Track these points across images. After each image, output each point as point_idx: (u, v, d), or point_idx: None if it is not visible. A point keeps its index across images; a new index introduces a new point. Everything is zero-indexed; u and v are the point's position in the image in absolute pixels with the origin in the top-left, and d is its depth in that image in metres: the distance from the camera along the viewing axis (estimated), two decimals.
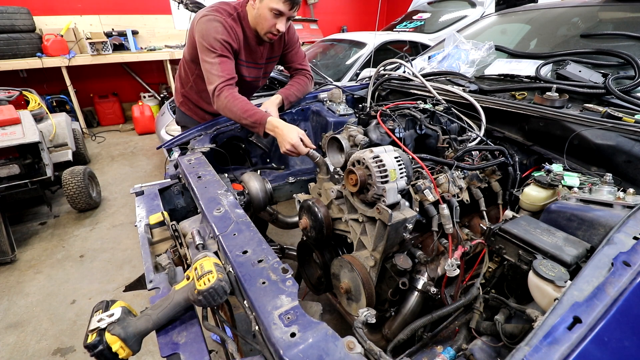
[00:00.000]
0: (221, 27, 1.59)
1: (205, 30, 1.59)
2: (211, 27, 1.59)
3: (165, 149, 1.76)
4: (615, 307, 0.59)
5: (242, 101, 1.56)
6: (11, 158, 2.72)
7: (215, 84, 1.58)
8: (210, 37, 1.58)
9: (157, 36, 6.39)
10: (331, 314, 2.01)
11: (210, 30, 1.58)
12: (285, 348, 0.62)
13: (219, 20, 1.60)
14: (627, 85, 1.27)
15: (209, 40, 1.58)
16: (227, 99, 1.56)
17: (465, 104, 1.52)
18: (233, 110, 1.55)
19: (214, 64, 1.59)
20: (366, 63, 3.71)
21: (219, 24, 1.59)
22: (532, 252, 0.82)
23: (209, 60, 1.60)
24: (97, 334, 0.72)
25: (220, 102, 1.58)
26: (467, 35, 2.20)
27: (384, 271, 1.10)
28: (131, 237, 2.93)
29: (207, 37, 1.58)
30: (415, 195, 1.14)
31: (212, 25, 1.59)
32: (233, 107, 1.54)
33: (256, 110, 1.53)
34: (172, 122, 3.47)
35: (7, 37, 4.67)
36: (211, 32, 1.58)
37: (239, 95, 1.59)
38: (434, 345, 0.97)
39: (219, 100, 1.58)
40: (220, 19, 1.60)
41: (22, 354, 1.93)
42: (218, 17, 1.61)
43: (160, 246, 1.21)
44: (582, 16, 1.90)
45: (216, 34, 1.58)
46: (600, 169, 1.13)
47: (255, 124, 1.51)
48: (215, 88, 1.58)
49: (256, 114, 1.52)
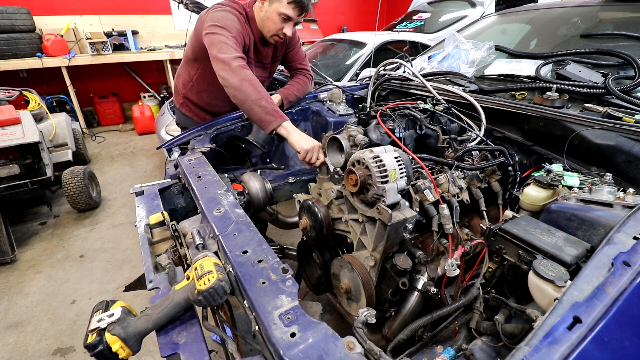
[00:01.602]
0: (237, 20, 1.59)
1: (222, 16, 1.56)
2: (228, 17, 1.57)
3: (165, 149, 1.76)
4: (615, 307, 0.59)
5: (262, 87, 1.41)
6: (11, 158, 2.72)
7: (232, 54, 1.43)
8: (227, 21, 1.55)
9: (157, 36, 6.39)
10: (331, 314, 2.01)
11: (227, 17, 1.57)
12: (285, 348, 0.62)
13: (234, 13, 1.60)
14: (627, 85, 1.27)
15: (225, 23, 1.52)
16: (247, 75, 1.39)
17: (465, 104, 1.52)
18: (251, 89, 1.37)
19: (229, 38, 1.48)
20: (366, 63, 3.70)
21: (235, 16, 1.59)
22: (532, 252, 0.82)
23: (224, 34, 1.48)
24: (97, 334, 0.72)
25: (238, 74, 1.39)
26: (467, 35, 2.20)
27: (384, 271, 1.10)
28: (131, 237, 2.93)
29: (223, 21, 1.53)
30: (415, 195, 1.14)
31: (229, 16, 1.58)
32: (252, 87, 1.37)
33: (275, 105, 1.40)
34: (172, 122, 3.47)
35: (7, 37, 4.67)
36: (228, 19, 1.56)
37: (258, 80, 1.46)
38: (434, 345, 0.97)
39: (238, 72, 1.39)
40: (235, 14, 1.60)
41: (22, 354, 1.93)
42: (234, 11, 1.61)
43: (160, 246, 1.21)
44: (582, 16, 1.90)
45: (233, 22, 1.57)
46: (600, 169, 1.13)
47: (270, 115, 1.37)
48: (234, 59, 1.41)
49: (276, 107, 1.39)
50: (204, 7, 3.21)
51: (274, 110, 1.38)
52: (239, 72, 1.40)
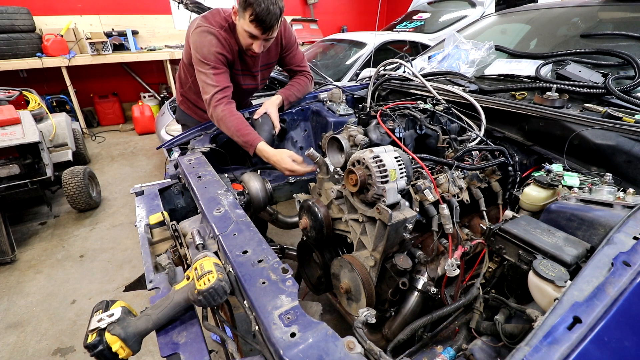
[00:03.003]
0: (215, 40, 1.58)
1: (200, 42, 1.59)
2: (205, 40, 1.58)
3: (165, 149, 1.77)
4: (615, 307, 0.59)
5: (238, 118, 1.59)
6: (11, 158, 2.72)
7: (211, 93, 1.59)
8: (205, 50, 1.58)
9: (157, 36, 6.39)
10: (331, 314, 2.01)
11: (204, 42, 1.58)
12: (285, 348, 0.62)
13: (212, 32, 1.59)
14: (627, 85, 1.27)
15: (202, 53, 1.58)
16: (223, 112, 1.58)
17: (465, 104, 1.52)
18: (228, 125, 1.58)
19: (209, 75, 1.60)
20: (366, 63, 3.70)
21: (213, 36, 1.58)
22: (532, 252, 0.82)
23: (203, 71, 1.61)
24: (97, 334, 0.72)
25: (216, 114, 1.60)
26: (467, 35, 2.20)
27: (384, 271, 1.10)
28: (131, 237, 2.93)
29: (201, 50, 1.59)
30: (415, 195, 1.14)
31: (207, 38, 1.58)
32: (228, 123, 1.57)
33: (250, 131, 1.57)
34: (172, 122, 3.47)
35: (7, 37, 4.67)
36: (205, 45, 1.58)
37: (236, 112, 1.62)
38: (434, 345, 0.97)
39: (216, 111, 1.60)
40: (214, 31, 1.59)
41: (22, 354, 1.93)
42: (212, 29, 1.59)
43: (160, 246, 1.21)
44: (582, 16, 1.90)
45: (210, 47, 1.58)
46: (600, 169, 1.13)
47: (247, 145, 1.55)
48: (212, 98, 1.59)
49: (249, 134, 1.55)
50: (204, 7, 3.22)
51: (249, 140, 1.55)
52: (215, 112, 1.60)
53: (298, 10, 8.02)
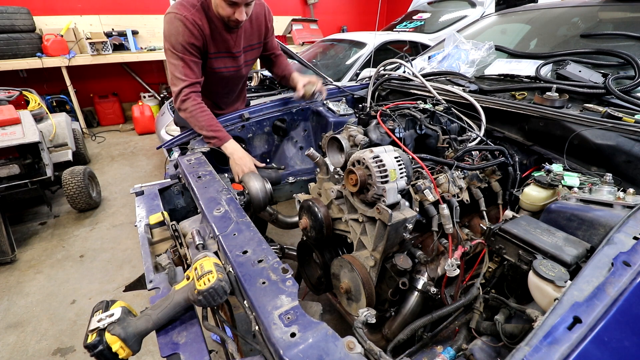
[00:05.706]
0: (182, 27, 1.53)
1: (168, 30, 1.56)
2: (172, 28, 1.55)
3: (165, 149, 1.76)
4: (615, 307, 0.59)
5: (208, 114, 1.62)
6: (11, 158, 2.72)
7: (179, 87, 1.59)
8: (172, 39, 1.55)
9: (157, 36, 6.38)
10: (331, 314, 2.01)
11: (172, 30, 1.55)
12: (285, 348, 0.62)
13: (179, 18, 1.53)
14: (627, 85, 1.27)
15: (170, 42, 1.56)
16: (194, 107, 1.60)
17: (465, 104, 1.52)
18: (198, 119, 1.59)
19: (177, 66, 1.58)
20: (366, 63, 3.71)
21: (180, 23, 1.53)
22: (532, 252, 0.82)
23: (172, 61, 1.59)
24: (97, 334, 0.72)
25: (185, 107, 1.60)
26: (467, 35, 2.20)
27: (384, 271, 1.10)
28: (131, 237, 2.93)
29: (169, 38, 1.56)
30: (415, 195, 1.14)
31: (174, 25, 1.54)
32: (199, 117, 1.59)
33: (220, 128, 1.61)
34: (172, 122, 3.47)
35: (7, 37, 4.67)
36: (172, 33, 1.55)
37: (206, 108, 1.63)
38: (434, 345, 0.97)
39: (184, 105, 1.60)
40: (181, 17, 1.52)
41: (22, 354, 1.93)
42: (179, 15, 1.53)
43: (160, 246, 1.21)
44: (582, 16, 1.90)
45: (177, 35, 1.54)
46: (600, 169, 1.13)
47: (214, 138, 1.59)
48: (181, 92, 1.59)
49: (220, 131, 1.60)
50: None
51: (218, 135, 1.60)
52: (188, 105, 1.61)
53: (298, 10, 8.02)
